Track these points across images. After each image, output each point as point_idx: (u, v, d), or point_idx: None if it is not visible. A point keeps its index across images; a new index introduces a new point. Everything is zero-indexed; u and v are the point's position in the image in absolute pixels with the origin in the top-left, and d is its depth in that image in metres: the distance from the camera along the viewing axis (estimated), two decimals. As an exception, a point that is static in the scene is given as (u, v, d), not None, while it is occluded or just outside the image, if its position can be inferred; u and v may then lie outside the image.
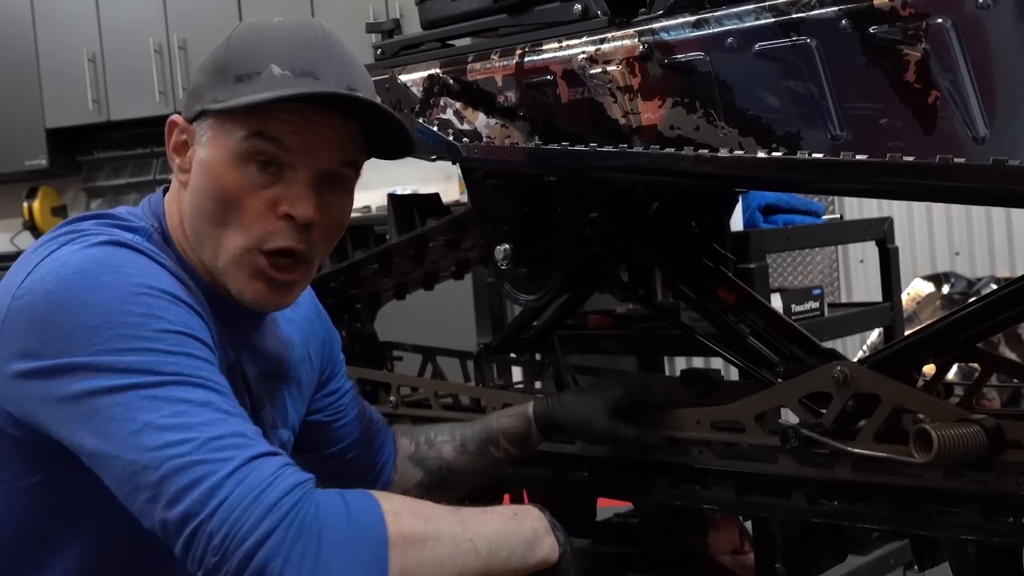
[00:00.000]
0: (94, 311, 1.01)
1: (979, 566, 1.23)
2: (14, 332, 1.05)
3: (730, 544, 2.11)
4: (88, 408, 1.00)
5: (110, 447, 0.98)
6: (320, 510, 0.97)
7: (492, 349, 2.00)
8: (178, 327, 1.04)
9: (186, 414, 0.98)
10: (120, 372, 0.99)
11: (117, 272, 1.04)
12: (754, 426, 1.39)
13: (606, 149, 1.30)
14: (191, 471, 0.95)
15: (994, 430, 1.16)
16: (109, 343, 1.00)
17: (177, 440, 0.96)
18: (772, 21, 1.10)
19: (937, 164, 0.99)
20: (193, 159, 1.18)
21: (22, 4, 5.41)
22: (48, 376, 1.02)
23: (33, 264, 1.08)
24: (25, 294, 1.05)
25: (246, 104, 1.11)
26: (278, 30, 1.19)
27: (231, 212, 1.14)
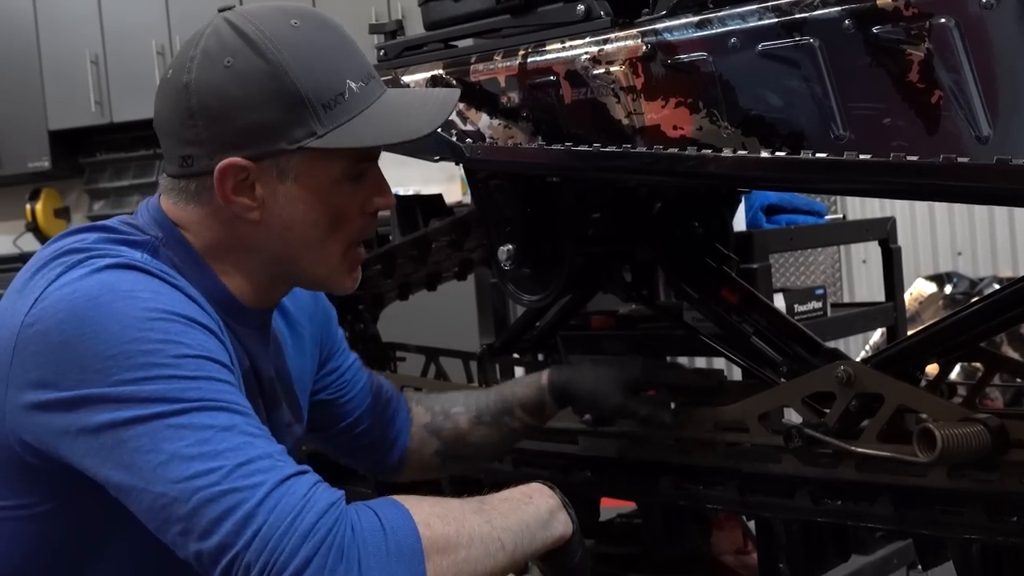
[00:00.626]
0: (110, 340, 0.99)
1: (983, 566, 1.23)
2: (27, 362, 1.03)
3: (734, 544, 2.11)
4: (111, 440, 0.98)
5: (137, 480, 0.97)
6: (356, 530, 0.97)
7: (495, 350, 2.00)
8: (196, 351, 1.02)
9: (211, 441, 0.97)
10: (141, 402, 0.98)
11: (130, 298, 1.02)
12: (758, 426, 1.39)
13: (609, 149, 1.30)
14: (222, 501, 0.95)
15: (998, 430, 1.17)
16: (128, 372, 0.99)
17: (205, 470, 0.96)
18: (775, 21, 1.10)
19: (941, 164, 0.99)
20: (273, 194, 1.15)
21: (25, 6, 5.42)
22: (67, 408, 1.00)
23: (40, 289, 1.05)
24: (35, 322, 1.03)
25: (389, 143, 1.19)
26: (311, 38, 1.15)
27: (333, 227, 1.18)
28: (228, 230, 1.18)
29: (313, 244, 1.19)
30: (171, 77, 1.15)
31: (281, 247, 1.18)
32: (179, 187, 1.18)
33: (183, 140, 1.14)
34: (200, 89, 1.12)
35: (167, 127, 1.17)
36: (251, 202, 1.15)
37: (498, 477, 1.68)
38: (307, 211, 1.17)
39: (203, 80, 1.12)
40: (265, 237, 1.18)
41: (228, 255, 1.19)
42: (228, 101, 1.12)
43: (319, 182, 1.16)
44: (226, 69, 1.12)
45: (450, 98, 1.25)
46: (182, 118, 1.14)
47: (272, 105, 1.12)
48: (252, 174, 1.14)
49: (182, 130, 1.14)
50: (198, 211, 1.17)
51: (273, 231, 1.17)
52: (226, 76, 1.12)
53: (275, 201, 1.15)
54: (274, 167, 1.14)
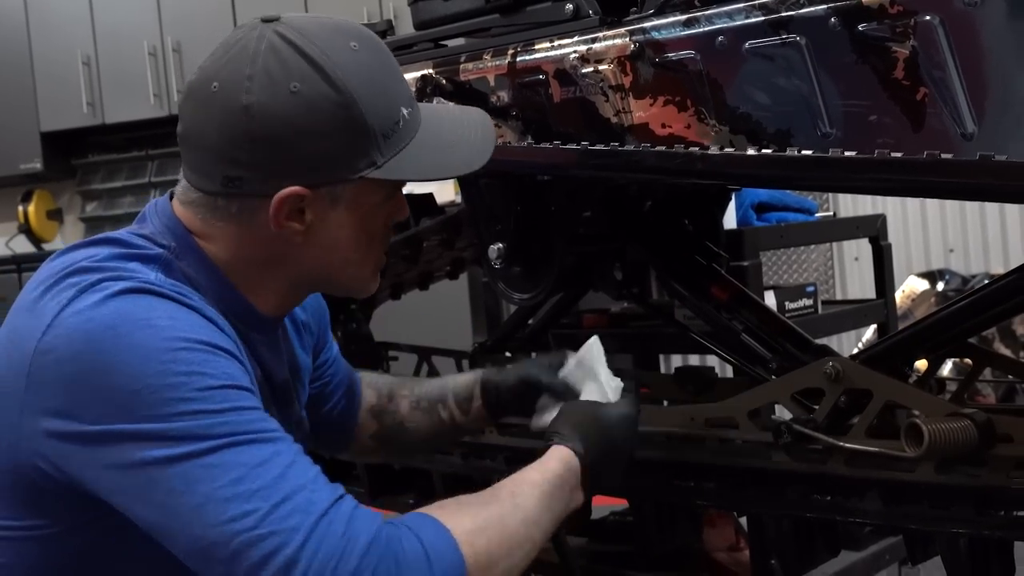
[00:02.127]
0: (133, 374, 0.97)
1: (971, 560, 1.24)
2: (43, 389, 1.01)
3: (726, 541, 2.11)
4: (142, 479, 0.97)
5: (173, 522, 0.97)
6: (401, 563, 0.97)
7: (487, 348, 2.01)
8: (221, 381, 1.00)
9: (245, 480, 0.95)
10: (171, 440, 0.96)
11: (148, 327, 1.00)
12: (748, 422, 1.40)
13: (598, 148, 1.30)
14: (263, 545, 0.94)
15: (985, 424, 1.17)
16: (154, 409, 0.97)
17: (241, 512, 0.94)
18: (762, 19, 1.11)
19: (925, 160, 1.00)
20: (323, 219, 1.13)
21: (16, 7, 5.41)
22: (93, 442, 0.99)
23: (53, 312, 1.02)
24: (50, 350, 1.00)
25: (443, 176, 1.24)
26: (372, 64, 1.13)
27: (370, 244, 1.20)
28: (263, 248, 1.15)
29: (353, 262, 1.20)
30: (220, 94, 1.09)
31: (319, 265, 1.18)
32: (211, 203, 1.13)
33: (232, 161, 1.10)
34: (263, 113, 1.07)
35: (209, 144, 1.11)
36: (299, 226, 1.13)
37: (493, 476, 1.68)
38: (351, 234, 1.16)
39: (267, 105, 1.07)
40: (304, 257, 1.16)
41: (258, 271, 1.17)
42: (294, 129, 1.08)
43: (365, 206, 1.16)
44: (293, 95, 1.07)
45: (487, 127, 1.25)
46: (236, 140, 1.08)
47: (339, 136, 1.10)
48: (306, 201, 1.11)
49: (233, 151, 1.09)
50: (232, 228, 1.14)
51: (314, 251, 1.16)
52: (293, 103, 1.07)
53: (323, 225, 1.14)
54: (328, 194, 1.12)
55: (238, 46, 1.11)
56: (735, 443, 1.43)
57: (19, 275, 5.01)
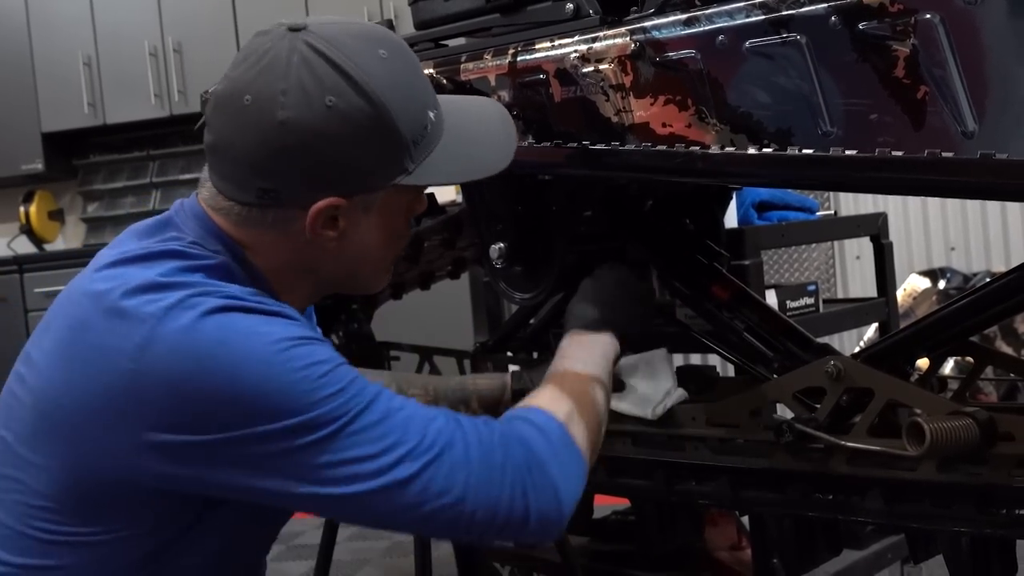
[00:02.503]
0: (258, 380, 1.02)
1: (973, 558, 1.24)
2: (147, 407, 1.03)
3: (728, 540, 2.11)
4: (292, 466, 1.04)
5: (334, 490, 1.04)
6: (527, 444, 1.12)
7: (489, 348, 2.01)
8: (329, 363, 1.06)
9: (384, 436, 1.05)
10: (314, 427, 1.03)
11: (254, 336, 1.04)
12: (749, 421, 1.40)
13: (599, 147, 1.30)
14: (421, 477, 1.05)
15: (986, 423, 1.17)
16: (288, 404, 1.03)
17: (393, 461, 1.05)
18: (762, 18, 1.11)
19: (926, 158, 1.00)
20: (356, 224, 1.16)
21: (17, 7, 5.41)
22: (223, 448, 1.03)
23: (145, 333, 1.03)
24: (154, 372, 1.02)
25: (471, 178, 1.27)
26: (398, 68, 1.14)
27: (394, 244, 1.24)
28: (296, 255, 1.17)
29: (379, 263, 1.24)
30: (253, 107, 1.09)
31: (346, 268, 1.21)
32: (244, 212, 1.14)
33: (267, 173, 1.11)
34: (299, 129, 1.08)
35: (243, 156, 1.11)
36: (333, 233, 1.15)
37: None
38: (380, 237, 1.20)
39: (303, 120, 1.08)
40: (334, 261, 1.19)
41: (290, 276, 1.19)
42: (330, 143, 1.10)
43: (395, 210, 1.20)
44: (328, 109, 1.09)
45: (508, 124, 1.29)
46: (273, 153, 1.09)
47: (374, 147, 1.12)
48: (341, 210, 1.14)
49: (269, 164, 1.10)
50: (267, 236, 1.15)
51: (345, 256, 1.18)
52: (328, 117, 1.09)
53: (355, 232, 1.17)
54: (362, 202, 1.15)
55: (268, 57, 1.11)
56: (736, 442, 1.43)
57: (21, 276, 5.02)
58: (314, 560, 2.43)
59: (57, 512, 1.09)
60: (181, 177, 5.55)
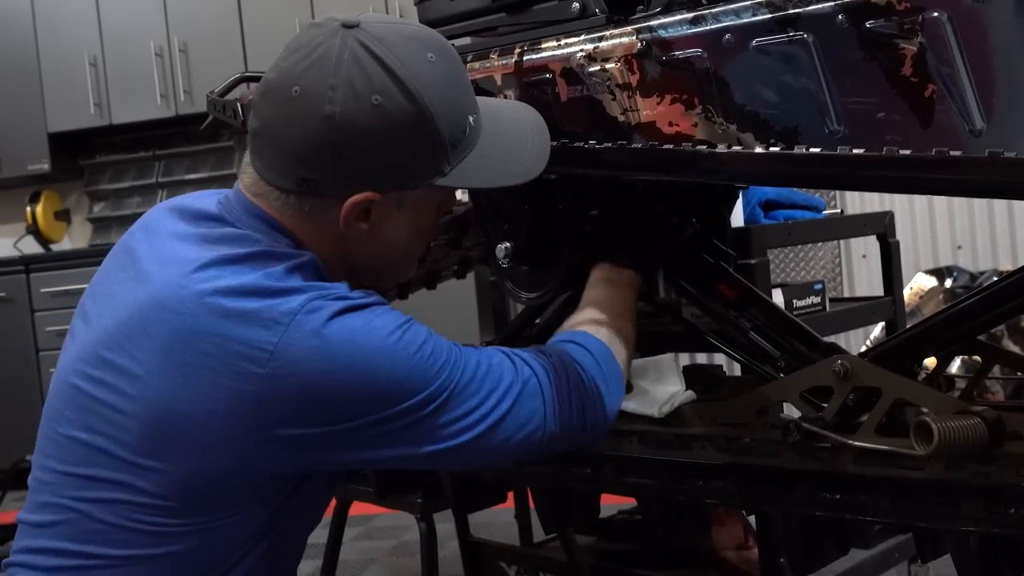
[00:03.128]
0: (385, 373, 1.11)
1: (981, 558, 1.24)
2: (282, 406, 1.09)
3: (734, 539, 2.12)
4: (422, 431, 1.14)
5: (450, 442, 1.16)
6: (580, 365, 1.26)
7: (495, 347, 2.00)
8: (429, 341, 1.16)
9: (479, 389, 1.17)
10: (434, 397, 1.14)
11: (371, 332, 1.12)
12: (756, 421, 1.40)
13: (605, 146, 1.30)
14: (511, 415, 1.19)
15: (994, 422, 1.17)
16: (410, 387, 1.12)
17: (489, 408, 1.17)
18: (769, 17, 1.11)
19: (934, 157, 0.99)
20: (387, 218, 1.21)
21: (23, 8, 5.42)
22: (357, 431, 1.12)
23: (273, 339, 1.07)
24: (287, 374, 1.08)
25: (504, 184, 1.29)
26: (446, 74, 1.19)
27: (422, 239, 1.30)
28: (329, 244, 1.21)
29: (406, 258, 1.30)
30: (301, 99, 1.13)
31: (378, 261, 1.26)
32: (282, 198, 1.19)
33: (310, 164, 1.15)
34: (346, 124, 1.13)
35: (287, 145, 1.15)
36: (365, 226, 1.20)
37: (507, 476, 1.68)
38: (410, 233, 1.25)
39: (349, 116, 1.12)
40: (365, 252, 1.23)
41: (329, 262, 1.22)
42: (374, 141, 1.14)
43: (427, 208, 1.25)
44: (374, 108, 1.13)
45: (543, 132, 1.33)
46: (317, 146, 1.14)
47: (414, 148, 1.16)
48: (374, 203, 1.18)
49: (311, 155, 1.14)
50: (303, 224, 1.20)
51: (375, 247, 1.23)
52: (374, 115, 1.13)
53: (387, 225, 1.21)
54: (396, 198, 1.20)
55: (319, 51, 1.15)
56: (743, 441, 1.43)
57: (27, 276, 5.03)
58: (321, 560, 2.43)
59: (166, 509, 1.13)
60: (187, 177, 5.55)
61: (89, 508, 1.13)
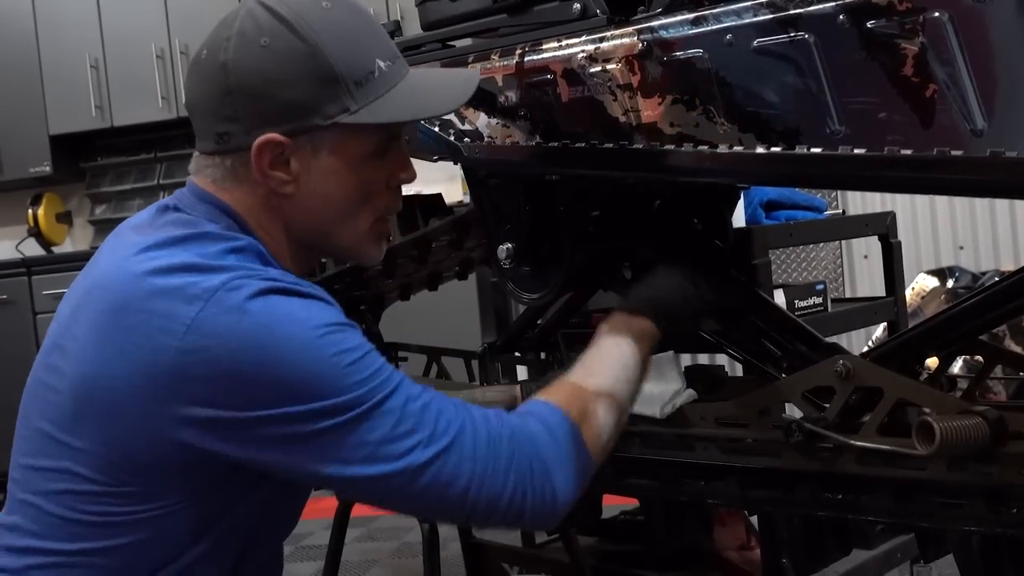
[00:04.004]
0: (295, 364, 1.07)
1: (983, 557, 1.24)
2: (192, 384, 1.08)
3: (736, 540, 2.11)
4: (318, 446, 1.09)
5: (353, 471, 1.09)
6: (534, 443, 1.16)
7: (496, 348, 2.01)
8: (363, 351, 1.12)
9: (402, 421, 1.10)
10: (341, 410, 1.08)
11: (293, 321, 1.09)
12: (758, 421, 1.39)
13: (607, 147, 1.30)
14: (433, 465, 1.10)
15: (996, 422, 1.17)
16: (318, 389, 1.08)
17: (409, 447, 1.10)
18: (770, 17, 1.11)
19: (935, 157, 0.99)
20: (307, 168, 1.20)
21: (24, 10, 5.42)
22: (257, 425, 1.08)
23: (190, 315, 1.07)
24: (199, 348, 1.07)
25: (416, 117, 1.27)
26: (343, 19, 1.20)
27: (362, 200, 1.24)
28: (264, 205, 1.22)
29: (346, 216, 1.25)
30: (206, 58, 1.19)
31: (315, 219, 1.23)
32: (214, 163, 1.22)
33: (220, 117, 1.18)
34: (238, 68, 1.16)
35: (202, 107, 1.20)
36: (287, 176, 1.20)
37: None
38: (339, 184, 1.22)
39: (240, 59, 1.16)
40: (300, 209, 1.22)
41: (271, 232, 1.23)
42: (265, 79, 1.16)
43: (351, 156, 1.21)
44: (263, 49, 1.16)
45: (472, 77, 1.31)
46: (219, 96, 1.18)
47: (308, 83, 1.16)
48: (288, 149, 1.18)
49: (219, 108, 1.18)
50: (236, 188, 1.22)
51: (307, 203, 1.22)
52: (263, 55, 1.16)
53: (309, 175, 1.20)
54: (308, 143, 1.19)
55: (227, 17, 1.21)
56: (745, 442, 1.43)
57: (29, 278, 5.03)
58: (323, 561, 2.43)
59: (106, 495, 1.13)
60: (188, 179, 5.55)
61: (43, 501, 1.15)
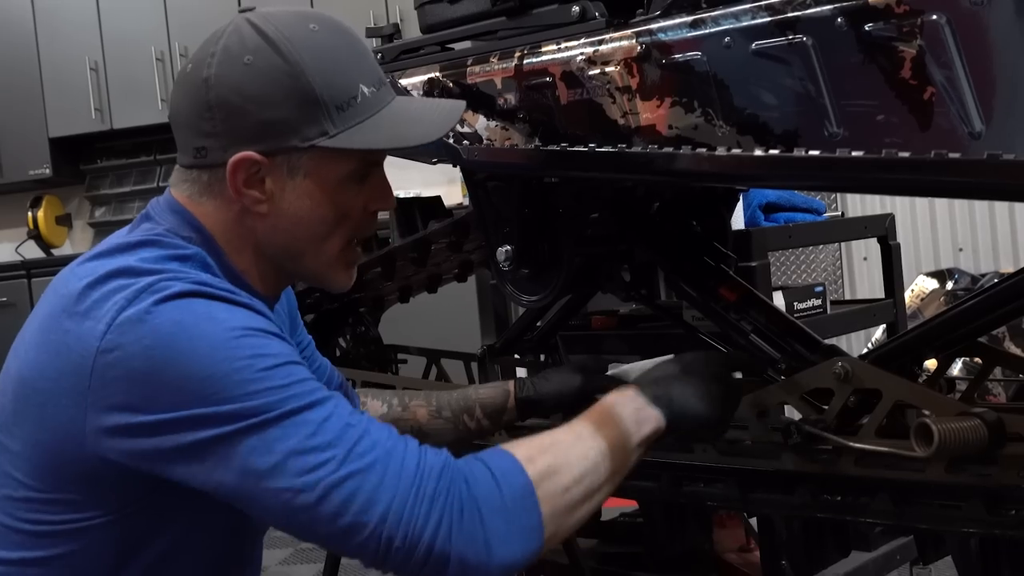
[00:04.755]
0: (203, 364, 1.04)
1: (982, 559, 1.24)
2: (108, 387, 1.06)
3: (736, 542, 2.11)
4: (221, 452, 1.04)
5: (256, 483, 1.04)
6: (471, 483, 1.07)
7: (496, 351, 2.01)
8: (280, 360, 1.08)
9: (318, 434, 1.04)
10: (246, 416, 1.04)
11: (210, 320, 1.07)
12: (757, 423, 1.39)
13: (606, 149, 1.30)
14: (346, 484, 1.03)
15: (995, 424, 1.17)
16: (226, 391, 1.04)
17: (320, 462, 1.03)
18: (768, 20, 1.11)
19: (933, 160, 0.99)
20: (282, 188, 1.19)
21: (24, 13, 5.43)
22: (165, 430, 1.05)
23: (112, 314, 1.07)
24: (115, 348, 1.05)
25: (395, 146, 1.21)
26: (329, 43, 1.19)
27: (336, 224, 1.22)
28: (237, 223, 1.21)
29: (318, 239, 1.22)
30: (190, 72, 1.18)
31: (287, 240, 1.22)
32: (191, 177, 1.21)
33: (199, 132, 1.18)
34: (219, 84, 1.16)
35: (184, 119, 1.20)
36: (261, 195, 1.18)
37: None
38: (314, 207, 1.20)
39: (223, 76, 1.16)
40: (272, 230, 1.21)
41: (241, 249, 1.22)
42: (245, 96, 1.15)
43: (327, 180, 1.20)
44: (246, 66, 1.15)
45: (456, 108, 1.29)
46: (200, 111, 1.17)
47: (288, 103, 1.15)
48: (264, 169, 1.17)
49: (199, 122, 1.17)
50: (210, 203, 1.20)
51: (280, 223, 1.20)
52: (245, 73, 1.15)
53: (283, 196, 1.19)
54: (285, 163, 1.18)
55: (216, 32, 1.20)
56: (744, 444, 1.43)
57: (28, 280, 5.03)
58: (322, 563, 2.43)
59: (41, 502, 1.12)
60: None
61: None
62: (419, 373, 2.25)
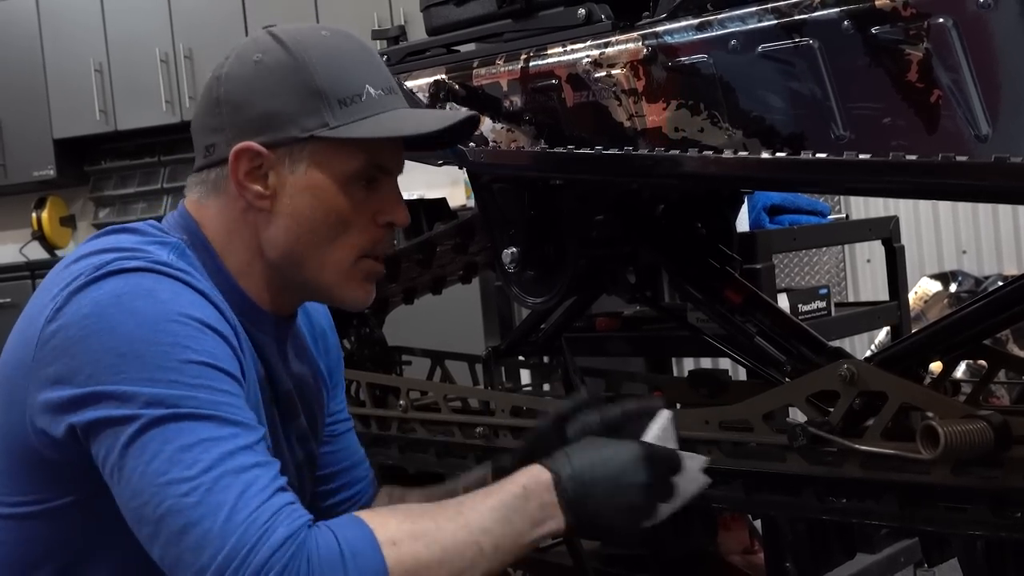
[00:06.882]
0: (123, 338, 1.02)
1: (988, 562, 1.24)
2: (46, 358, 1.05)
3: (740, 544, 2.11)
4: (106, 435, 1.01)
5: (121, 477, 1.00)
6: (312, 562, 0.96)
7: (500, 352, 2.01)
8: (203, 358, 1.04)
9: (193, 450, 0.98)
10: (138, 403, 1.00)
11: (150, 297, 1.05)
12: (762, 425, 1.39)
13: (611, 152, 1.30)
14: (188, 514, 0.96)
15: (1001, 426, 1.17)
16: (134, 372, 1.01)
17: (179, 478, 0.97)
18: (775, 23, 1.11)
19: (940, 162, 1.00)
20: (284, 183, 1.18)
21: (28, 15, 5.44)
22: (80, 404, 1.03)
23: (66, 285, 1.07)
24: (57, 316, 1.06)
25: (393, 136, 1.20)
26: (339, 45, 1.21)
27: (340, 229, 1.20)
28: (240, 221, 1.20)
29: (320, 242, 1.20)
30: (208, 77, 1.22)
31: (288, 240, 1.19)
32: (201, 179, 1.22)
33: (209, 129, 1.20)
34: (228, 80, 1.19)
35: (198, 122, 1.23)
36: (263, 189, 1.18)
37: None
38: (315, 205, 1.19)
39: (233, 73, 1.19)
40: (274, 228, 1.19)
41: (241, 252, 1.21)
42: (250, 90, 1.18)
43: (329, 176, 1.18)
44: (255, 63, 1.19)
45: (463, 113, 1.29)
46: (210, 108, 1.20)
47: (290, 94, 1.17)
48: (266, 162, 1.17)
49: (209, 119, 1.20)
50: (215, 203, 1.21)
51: (282, 221, 1.19)
52: (253, 69, 1.19)
53: (285, 191, 1.18)
54: (287, 156, 1.18)
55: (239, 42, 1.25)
56: (749, 446, 1.43)
57: (32, 281, 5.04)
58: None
59: (4, 484, 1.13)
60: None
61: None
62: (423, 375, 2.26)
